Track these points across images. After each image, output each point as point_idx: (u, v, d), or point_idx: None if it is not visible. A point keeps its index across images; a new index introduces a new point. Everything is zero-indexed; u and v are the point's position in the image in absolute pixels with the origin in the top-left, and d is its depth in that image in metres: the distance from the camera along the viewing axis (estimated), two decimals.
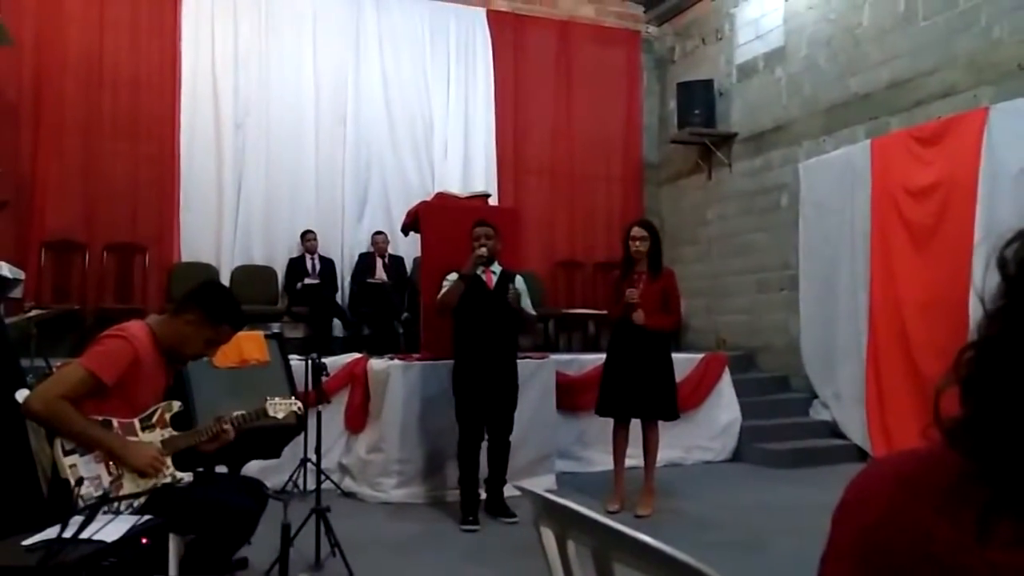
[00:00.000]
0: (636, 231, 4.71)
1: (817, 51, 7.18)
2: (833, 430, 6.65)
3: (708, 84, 8.32)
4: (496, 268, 4.76)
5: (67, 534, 1.86)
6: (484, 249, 4.60)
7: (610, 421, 4.88)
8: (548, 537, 1.08)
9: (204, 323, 2.79)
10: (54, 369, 3.95)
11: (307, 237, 7.56)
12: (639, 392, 4.66)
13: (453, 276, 4.69)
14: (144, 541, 2.16)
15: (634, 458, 4.89)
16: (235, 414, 2.86)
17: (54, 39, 7.14)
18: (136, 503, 2.53)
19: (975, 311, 0.66)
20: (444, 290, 4.68)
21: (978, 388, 0.62)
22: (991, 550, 0.57)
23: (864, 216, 6.42)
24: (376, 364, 5.50)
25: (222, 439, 2.77)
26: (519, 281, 4.80)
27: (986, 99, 5.61)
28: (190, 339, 2.80)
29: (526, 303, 4.79)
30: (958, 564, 0.58)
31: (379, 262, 7.65)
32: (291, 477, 5.05)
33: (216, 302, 2.86)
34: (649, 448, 4.78)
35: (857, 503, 0.68)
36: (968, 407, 0.63)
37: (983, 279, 0.65)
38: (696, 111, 8.21)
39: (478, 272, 4.67)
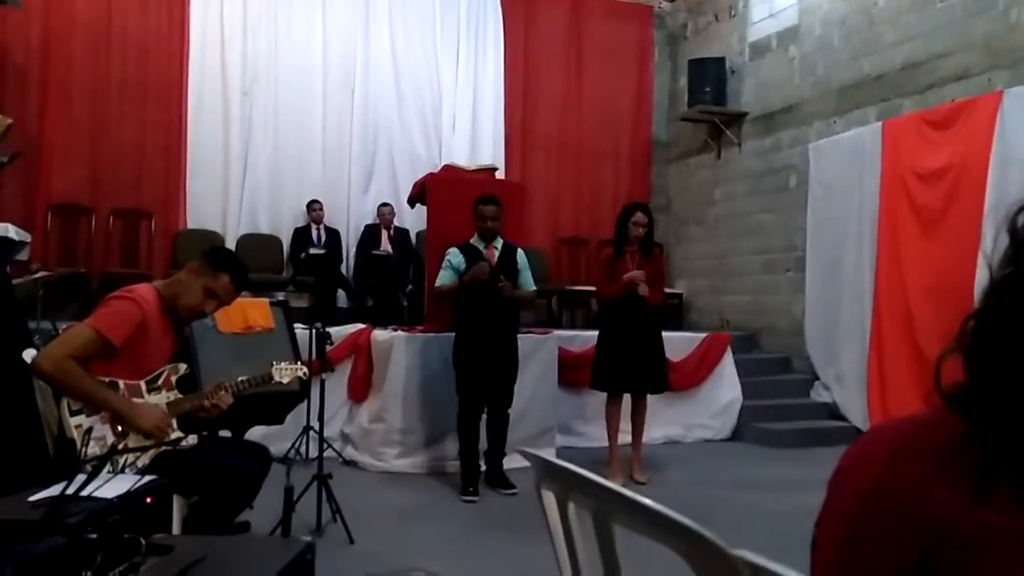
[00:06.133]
0: (640, 216, 4.88)
1: (831, 31, 7.10)
2: (833, 412, 6.67)
3: (720, 62, 8.25)
4: (498, 243, 4.76)
5: (72, 490, 1.88)
6: (486, 264, 4.59)
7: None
8: (549, 499, 1.09)
9: (204, 270, 2.81)
10: (60, 331, 3.98)
11: (313, 207, 7.56)
12: (637, 367, 4.81)
13: (455, 255, 4.70)
14: (148, 500, 2.19)
15: (624, 432, 5.01)
16: (239, 379, 2.88)
17: (63, 1, 7.09)
18: (141, 464, 2.56)
19: (981, 290, 0.66)
20: (443, 278, 4.71)
21: (982, 355, 0.63)
22: (988, 512, 0.58)
23: (872, 199, 6.39)
24: (380, 335, 5.52)
25: (212, 409, 2.77)
26: (520, 255, 4.82)
27: (1000, 83, 5.55)
28: (189, 288, 2.80)
29: (527, 277, 4.83)
30: (955, 525, 0.59)
31: (384, 234, 7.65)
32: (294, 444, 5.09)
33: (218, 252, 2.89)
34: (640, 421, 4.98)
35: (854, 467, 0.69)
36: (971, 373, 0.64)
37: (992, 249, 0.65)
38: (707, 89, 8.15)
39: (480, 248, 4.69)
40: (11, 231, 5.05)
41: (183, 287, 2.81)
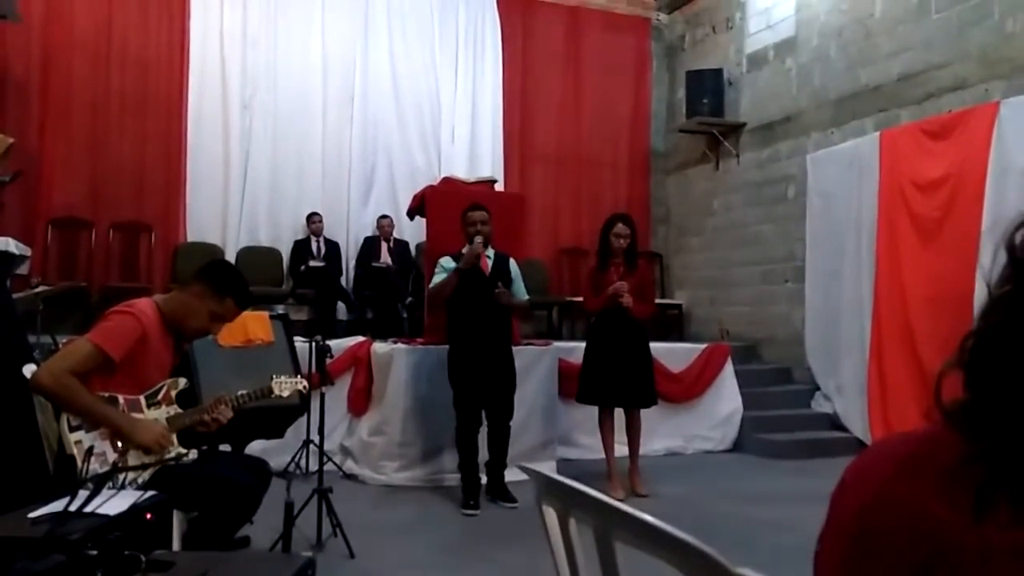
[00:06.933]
0: (621, 228, 4.86)
1: (828, 42, 7.14)
2: (834, 422, 6.66)
3: (717, 73, 8.28)
4: (490, 252, 4.75)
5: (73, 507, 1.87)
6: (480, 239, 4.57)
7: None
8: (550, 516, 1.09)
9: (210, 295, 2.81)
10: (60, 345, 3.98)
11: (313, 219, 7.57)
12: (625, 380, 4.78)
13: (447, 261, 4.68)
14: (148, 516, 2.18)
15: (622, 444, 5.00)
16: (239, 393, 2.88)
17: (63, 16, 7.13)
18: (141, 479, 2.55)
19: (980, 306, 0.66)
20: (437, 281, 4.67)
21: (981, 373, 0.63)
22: (987, 530, 0.58)
23: (871, 209, 6.40)
24: (379, 347, 5.52)
25: (212, 423, 2.77)
26: (513, 265, 4.81)
27: (997, 93, 5.57)
28: (195, 312, 2.81)
29: (519, 288, 4.81)
30: (954, 543, 0.59)
31: (384, 246, 7.66)
32: (294, 458, 5.08)
33: (223, 275, 2.88)
34: (635, 435, 4.94)
35: (856, 483, 0.69)
36: (971, 391, 0.64)
37: (991, 266, 0.65)
38: (705, 100, 8.18)
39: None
40: (11, 245, 5.05)
41: (188, 311, 2.80)
